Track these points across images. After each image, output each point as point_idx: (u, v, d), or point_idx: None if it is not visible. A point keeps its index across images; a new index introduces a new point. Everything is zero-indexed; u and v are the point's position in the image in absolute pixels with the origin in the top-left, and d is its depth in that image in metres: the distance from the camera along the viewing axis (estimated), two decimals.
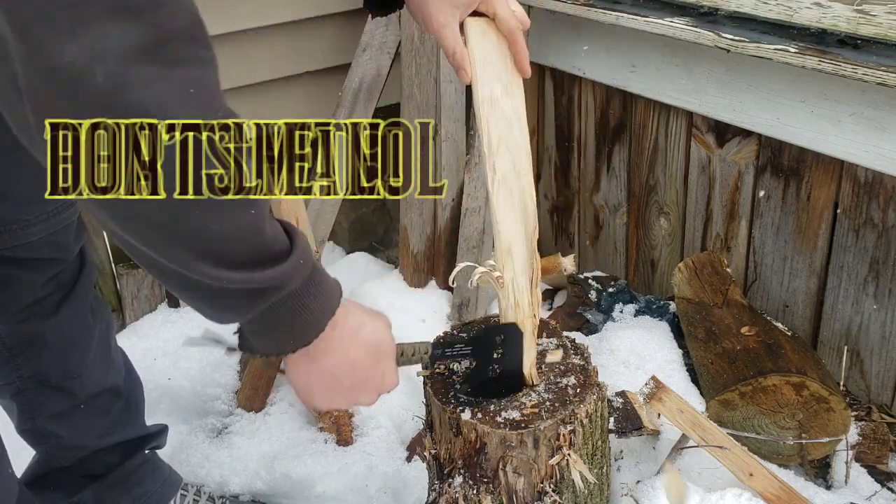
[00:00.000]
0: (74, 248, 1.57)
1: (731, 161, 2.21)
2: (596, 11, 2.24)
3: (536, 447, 1.27)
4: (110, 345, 1.69)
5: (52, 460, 1.69)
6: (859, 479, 1.90)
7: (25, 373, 1.57)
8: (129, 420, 1.73)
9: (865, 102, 1.81)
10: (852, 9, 1.76)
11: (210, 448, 2.06)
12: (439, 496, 1.37)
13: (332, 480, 1.97)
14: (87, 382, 1.63)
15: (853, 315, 2.05)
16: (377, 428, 2.11)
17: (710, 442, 1.67)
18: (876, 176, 1.90)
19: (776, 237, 2.17)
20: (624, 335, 2.25)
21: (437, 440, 1.36)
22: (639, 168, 2.47)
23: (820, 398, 1.84)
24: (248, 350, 1.06)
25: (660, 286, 2.55)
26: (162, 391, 2.20)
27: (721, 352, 1.99)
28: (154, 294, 2.48)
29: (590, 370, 1.37)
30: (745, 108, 2.07)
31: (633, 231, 2.57)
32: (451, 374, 1.37)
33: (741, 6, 1.98)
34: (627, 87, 2.37)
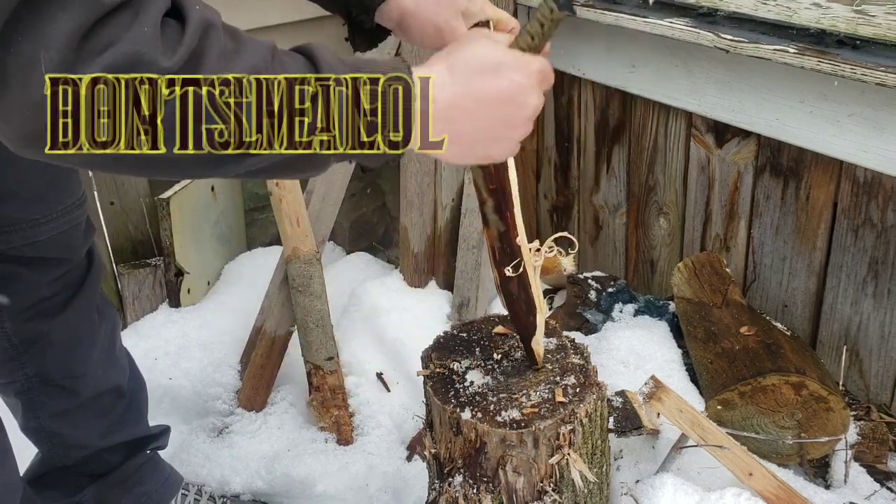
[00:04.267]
0: (82, 248, 1.57)
1: (730, 161, 2.21)
2: (596, 11, 2.24)
3: (536, 446, 1.27)
4: (115, 345, 1.70)
5: (54, 459, 1.69)
6: (858, 479, 1.90)
7: (30, 371, 1.57)
8: (131, 420, 1.74)
9: (864, 103, 1.82)
10: (851, 9, 1.77)
11: (211, 448, 2.07)
12: (439, 495, 1.38)
13: (332, 480, 1.98)
14: (90, 382, 1.63)
15: (852, 315, 2.06)
16: (377, 427, 2.12)
17: (710, 441, 1.68)
18: (875, 176, 1.91)
19: (775, 237, 2.18)
20: (623, 335, 2.25)
21: (438, 439, 1.36)
22: (638, 168, 2.47)
23: (819, 398, 1.85)
24: None
25: (659, 286, 2.55)
26: (163, 391, 2.20)
27: (720, 351, 2.00)
28: (155, 294, 2.49)
29: (590, 370, 1.38)
30: (744, 109, 2.08)
31: (633, 231, 2.58)
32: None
33: (740, 7, 1.98)
34: (627, 87, 2.37)
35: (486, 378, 1.36)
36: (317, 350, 2.12)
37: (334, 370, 2.13)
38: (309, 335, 2.12)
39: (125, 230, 2.50)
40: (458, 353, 1.43)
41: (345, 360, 2.23)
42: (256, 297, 2.30)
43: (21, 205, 1.42)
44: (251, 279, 2.55)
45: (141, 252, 2.54)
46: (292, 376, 2.27)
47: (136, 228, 2.52)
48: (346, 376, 2.20)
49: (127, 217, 2.49)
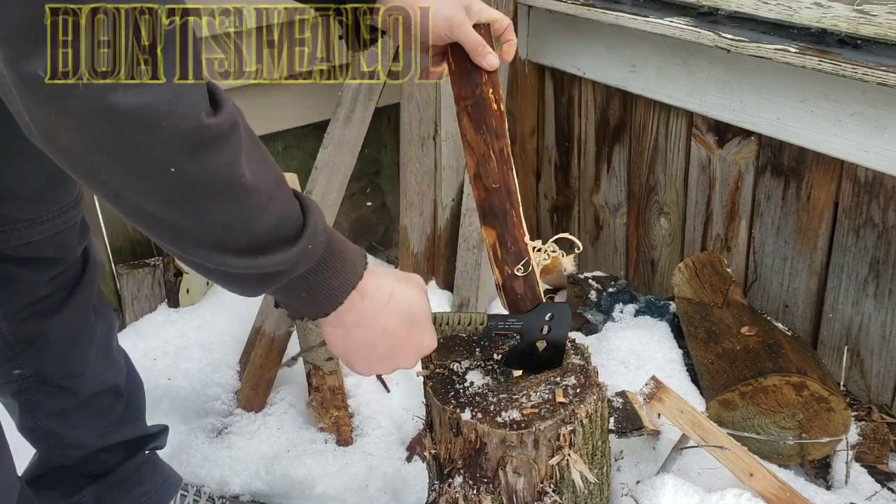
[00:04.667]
0: (78, 248, 1.57)
1: (731, 161, 2.21)
2: (596, 11, 2.24)
3: (536, 447, 1.27)
4: (112, 345, 1.69)
5: (52, 459, 1.69)
6: (859, 479, 1.90)
7: (27, 371, 1.57)
8: (129, 420, 1.73)
9: (865, 102, 1.81)
10: (852, 9, 1.76)
11: (210, 448, 2.06)
12: (439, 496, 1.37)
13: (332, 480, 1.97)
14: (88, 382, 1.63)
15: (853, 315, 2.05)
16: (377, 428, 2.11)
17: (710, 442, 1.67)
18: (876, 176, 1.90)
19: (776, 237, 2.17)
20: (624, 335, 2.25)
21: (437, 440, 1.36)
22: (639, 168, 2.47)
23: (820, 398, 1.84)
24: None
25: (660, 286, 2.55)
26: (162, 391, 2.20)
27: (721, 352, 1.99)
28: (154, 294, 2.48)
29: (590, 370, 1.37)
30: (745, 108, 2.07)
31: (633, 231, 2.57)
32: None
33: (741, 6, 1.98)
34: (627, 86, 2.37)
35: (486, 378, 1.36)
36: (316, 350, 2.12)
37: (334, 370, 2.13)
38: (308, 335, 2.12)
39: (124, 230, 2.49)
40: (458, 353, 1.43)
41: None
42: None
43: (20, 205, 1.42)
44: None
45: (140, 252, 2.53)
46: (292, 376, 2.27)
47: (134, 228, 2.49)
48: (346, 377, 2.20)
49: None
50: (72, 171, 0.84)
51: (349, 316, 1.06)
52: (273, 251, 0.93)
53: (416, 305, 1.15)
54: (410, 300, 1.14)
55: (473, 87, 1.30)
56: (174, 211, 0.86)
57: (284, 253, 0.94)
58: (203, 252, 0.90)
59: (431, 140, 2.47)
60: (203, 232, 0.88)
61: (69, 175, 1.48)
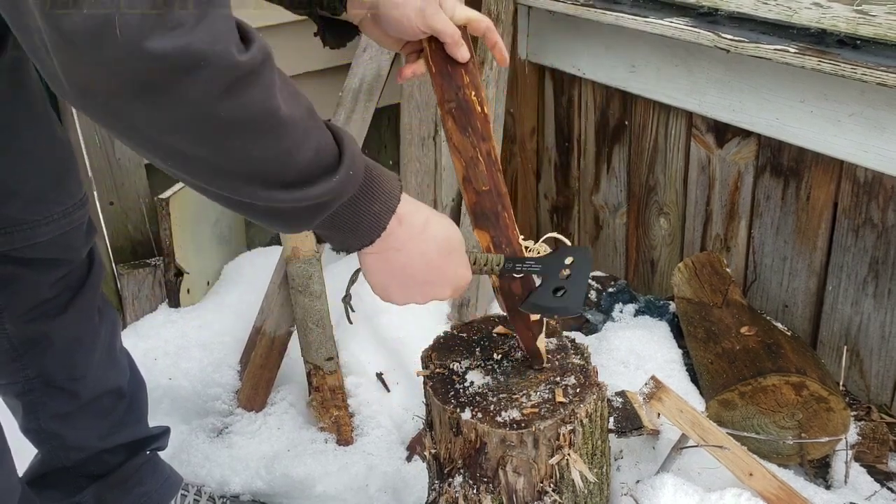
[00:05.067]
0: (83, 249, 1.56)
1: (730, 161, 2.21)
2: (596, 11, 2.24)
3: (536, 447, 1.27)
4: (115, 346, 1.69)
5: (53, 460, 1.69)
6: (859, 479, 1.90)
7: (31, 373, 1.57)
8: (131, 421, 1.73)
9: (865, 102, 1.82)
10: (852, 9, 1.76)
11: (210, 448, 2.07)
12: (439, 496, 1.37)
13: (332, 480, 1.97)
14: (91, 383, 1.63)
15: (853, 315, 2.06)
16: (377, 428, 2.12)
17: (710, 442, 1.67)
18: (875, 176, 1.91)
19: (776, 237, 2.18)
20: (624, 335, 2.25)
21: (437, 440, 1.36)
22: (638, 168, 2.47)
23: (819, 398, 1.85)
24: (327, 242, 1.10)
25: (660, 286, 2.55)
26: (162, 391, 2.20)
27: (721, 352, 2.00)
28: (154, 294, 2.48)
29: (590, 370, 1.37)
30: (744, 109, 2.07)
31: (633, 231, 2.58)
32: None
33: (741, 6, 1.98)
34: (627, 87, 2.37)
35: (486, 378, 1.36)
36: (316, 350, 2.12)
37: (334, 370, 2.13)
38: (309, 335, 2.12)
39: (125, 230, 2.50)
40: (458, 353, 1.43)
41: (344, 360, 2.22)
42: (256, 297, 2.30)
43: (23, 206, 1.42)
44: (251, 279, 2.55)
45: (140, 252, 2.53)
46: (292, 376, 2.27)
47: (135, 228, 2.52)
48: (346, 376, 2.20)
49: (126, 217, 2.49)
50: (107, 125, 0.84)
51: (389, 241, 1.07)
52: (317, 181, 0.94)
53: (453, 234, 1.16)
54: (447, 229, 1.15)
55: (456, 89, 1.29)
56: (218, 152, 0.86)
57: (328, 182, 0.94)
58: (248, 189, 0.90)
59: (431, 140, 2.47)
60: (248, 169, 0.88)
61: (71, 176, 1.49)
